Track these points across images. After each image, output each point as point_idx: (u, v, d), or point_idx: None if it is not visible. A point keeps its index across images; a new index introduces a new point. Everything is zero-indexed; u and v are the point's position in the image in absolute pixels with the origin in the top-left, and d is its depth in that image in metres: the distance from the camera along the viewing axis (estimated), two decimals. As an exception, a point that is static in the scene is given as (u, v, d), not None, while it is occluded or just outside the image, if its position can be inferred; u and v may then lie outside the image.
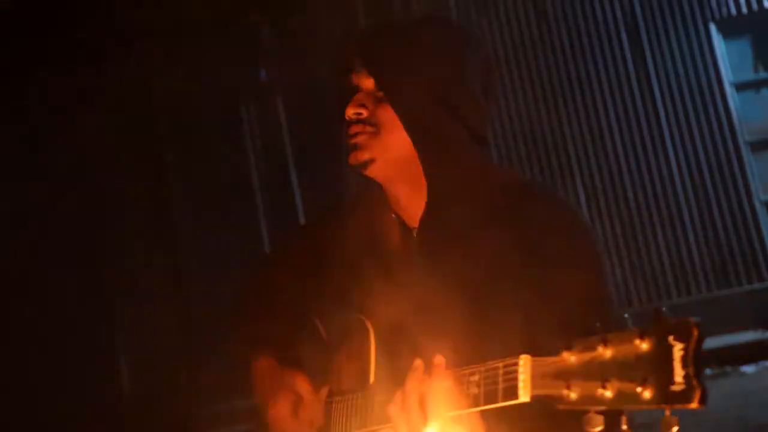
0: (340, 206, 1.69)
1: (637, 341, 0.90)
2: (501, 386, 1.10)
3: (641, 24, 8.16)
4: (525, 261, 1.36)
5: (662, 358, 0.88)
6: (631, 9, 8.20)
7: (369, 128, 1.45)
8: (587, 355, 0.96)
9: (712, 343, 7.07)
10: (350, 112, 1.47)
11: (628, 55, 8.16)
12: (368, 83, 1.47)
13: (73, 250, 8.96)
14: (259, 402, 1.60)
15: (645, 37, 8.14)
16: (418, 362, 1.23)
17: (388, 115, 1.44)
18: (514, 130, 8.25)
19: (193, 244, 8.85)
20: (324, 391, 1.53)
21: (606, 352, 0.94)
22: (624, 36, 8.20)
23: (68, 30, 8.71)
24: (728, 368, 6.58)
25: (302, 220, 8.51)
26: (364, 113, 1.46)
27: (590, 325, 0.98)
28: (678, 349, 0.88)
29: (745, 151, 7.90)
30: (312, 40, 8.80)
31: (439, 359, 1.20)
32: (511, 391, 1.08)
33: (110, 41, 8.82)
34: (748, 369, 6.47)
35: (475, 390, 1.15)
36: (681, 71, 8.03)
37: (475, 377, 1.15)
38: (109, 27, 8.69)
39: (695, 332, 0.88)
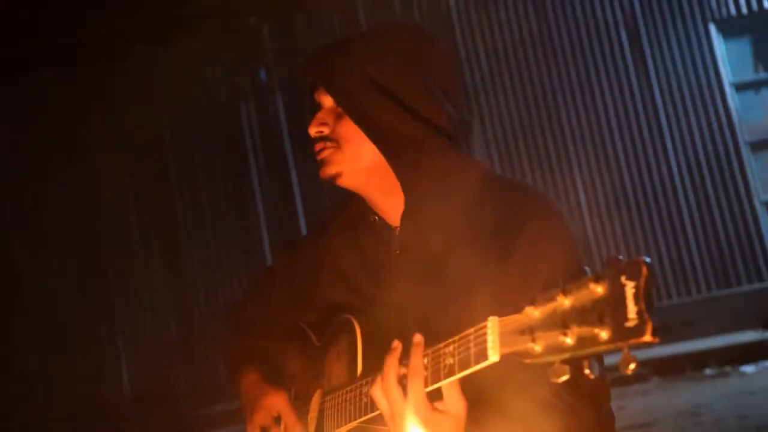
0: (326, 217, 1.74)
1: (593, 285, 0.93)
2: (472, 351, 1.13)
3: (641, 24, 8.16)
4: (503, 245, 1.40)
5: (616, 297, 0.91)
6: (631, 9, 8.20)
7: (330, 144, 1.53)
8: (549, 307, 0.98)
9: (712, 343, 7.08)
10: (312, 131, 1.55)
11: (628, 55, 8.16)
12: (328, 100, 1.54)
13: (74, 251, 8.97)
14: (243, 413, 1.66)
15: (645, 37, 8.14)
16: (396, 343, 1.26)
17: (349, 129, 1.49)
18: (514, 130, 8.25)
19: (194, 244, 8.85)
20: (316, 399, 1.54)
21: (565, 302, 0.96)
22: (624, 36, 8.20)
23: (68, 30, 8.71)
24: (728, 368, 6.58)
25: (302, 220, 8.51)
26: (325, 130, 1.54)
27: (553, 281, 1.01)
28: (630, 288, 0.89)
29: (745, 151, 7.90)
30: (312, 39, 8.80)
31: (418, 337, 1.22)
32: (482, 353, 1.11)
33: (110, 41, 8.82)
34: (748, 369, 6.47)
35: (450, 360, 1.17)
36: (681, 71, 8.03)
37: (450, 348, 1.18)
38: (109, 27, 8.69)
39: (645, 270, 0.90)
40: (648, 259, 0.90)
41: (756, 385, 5.88)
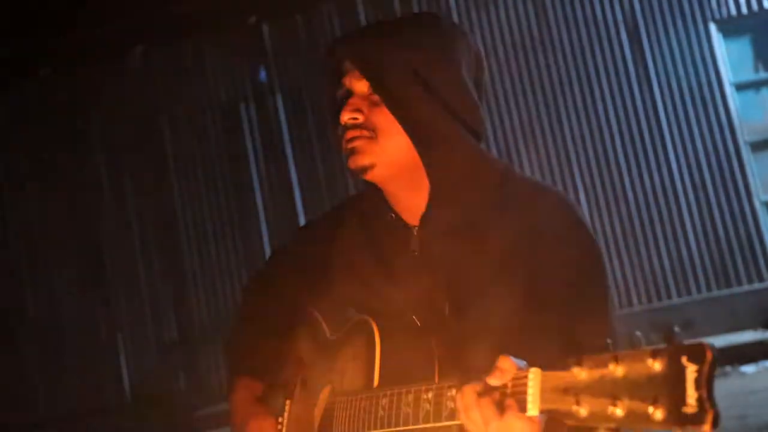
0: (339, 208, 1.68)
1: (650, 361, 0.89)
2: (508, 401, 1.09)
3: (641, 24, 8.16)
4: (527, 251, 1.38)
5: (675, 378, 0.87)
6: (631, 9, 8.20)
7: (366, 133, 1.42)
8: (598, 372, 0.95)
9: (711, 342, 7.07)
10: (345, 117, 1.43)
11: (628, 55, 8.16)
12: (361, 86, 1.44)
13: (74, 250, 8.96)
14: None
15: (645, 37, 8.14)
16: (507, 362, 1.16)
17: (384, 119, 1.41)
18: (514, 130, 8.25)
19: (194, 244, 8.85)
20: (325, 394, 1.52)
21: (617, 370, 0.92)
22: (624, 36, 8.20)
23: (68, 30, 8.71)
24: (728, 368, 6.58)
25: (302, 220, 8.50)
26: (360, 118, 1.43)
27: (600, 343, 0.98)
28: (691, 371, 0.86)
29: (745, 151, 7.90)
30: (312, 39, 8.80)
31: (507, 362, 1.14)
32: (521, 405, 1.07)
33: (110, 41, 8.82)
34: (748, 369, 6.47)
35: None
36: (681, 71, 8.03)
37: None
38: (109, 27, 8.69)
39: (709, 355, 0.86)
40: (713, 344, 0.86)
41: (756, 385, 5.88)
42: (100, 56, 8.96)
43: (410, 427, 1.26)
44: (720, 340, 7.11)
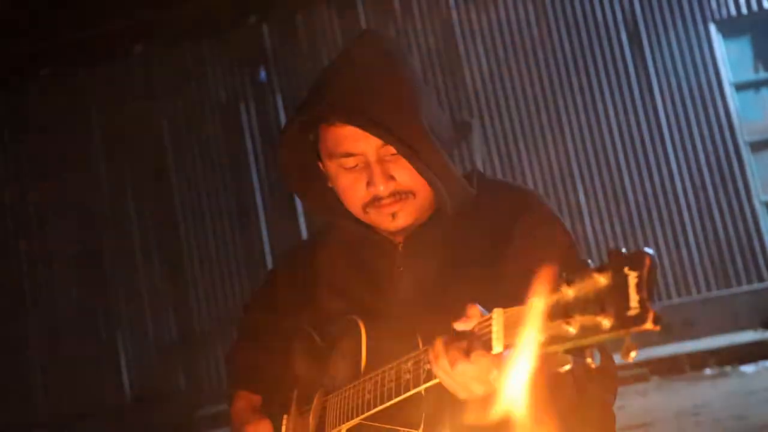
0: (324, 231, 1.72)
1: (596, 275, 0.94)
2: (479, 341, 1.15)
3: (641, 24, 8.16)
4: (500, 246, 1.43)
5: (619, 287, 0.91)
6: (631, 9, 8.20)
7: (406, 197, 1.45)
8: (553, 298, 0.99)
9: (712, 343, 7.08)
10: (384, 190, 1.43)
11: (628, 55, 8.16)
12: (370, 145, 1.42)
13: (74, 251, 8.96)
14: None
15: (645, 37, 8.14)
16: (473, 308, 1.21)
17: (409, 173, 1.43)
18: (514, 130, 8.25)
19: (194, 244, 8.85)
20: (318, 397, 1.54)
21: (569, 292, 0.97)
22: (624, 36, 8.20)
23: (68, 30, 8.71)
24: (728, 368, 6.58)
25: (302, 220, 8.51)
26: (393, 185, 1.44)
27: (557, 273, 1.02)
28: (633, 277, 0.90)
29: (745, 151, 7.90)
30: (312, 39, 8.80)
31: (474, 309, 1.19)
32: (487, 344, 1.12)
33: (110, 41, 8.82)
34: (748, 369, 6.47)
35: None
36: (681, 71, 8.03)
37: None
38: (109, 27, 8.69)
39: (648, 260, 0.90)
40: (650, 251, 0.91)
41: (756, 385, 5.88)
42: (100, 56, 8.96)
43: (395, 401, 1.29)
44: (720, 340, 7.11)
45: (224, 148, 8.89)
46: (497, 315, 1.11)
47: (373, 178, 1.42)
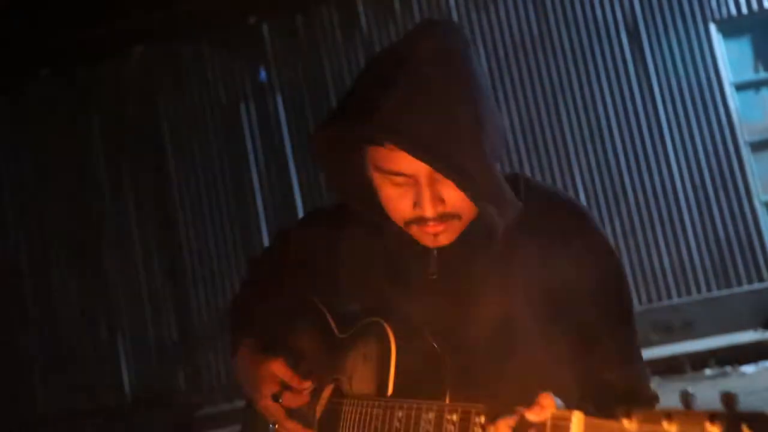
0: (345, 207, 1.58)
1: (707, 424, 0.84)
2: None
3: (641, 24, 8.16)
4: (548, 272, 1.34)
5: None
6: (631, 9, 8.20)
7: (452, 218, 1.34)
8: (648, 428, 0.89)
9: (712, 343, 7.08)
10: (431, 212, 1.31)
11: (628, 55, 8.16)
12: (423, 167, 1.29)
13: (74, 251, 8.96)
14: (247, 392, 1.60)
15: (645, 37, 8.14)
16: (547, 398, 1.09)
17: (460, 196, 1.31)
18: (514, 130, 8.25)
19: (194, 244, 8.85)
20: (329, 392, 1.50)
21: (671, 429, 0.87)
22: (624, 36, 8.20)
23: (68, 30, 8.71)
24: (728, 368, 6.58)
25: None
26: (442, 208, 1.32)
27: (649, 395, 0.96)
28: None
29: (745, 151, 7.90)
30: (312, 39, 8.80)
31: (549, 399, 1.07)
32: None
33: (110, 41, 8.82)
34: (748, 369, 6.47)
35: None
36: (681, 71, 8.03)
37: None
38: (109, 27, 8.68)
39: None
40: None
41: (756, 385, 5.87)
42: (100, 56, 8.96)
43: None
44: (720, 341, 7.11)
45: (224, 148, 8.88)
46: (576, 419, 0.99)
47: (422, 200, 1.31)
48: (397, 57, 1.29)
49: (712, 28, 8.05)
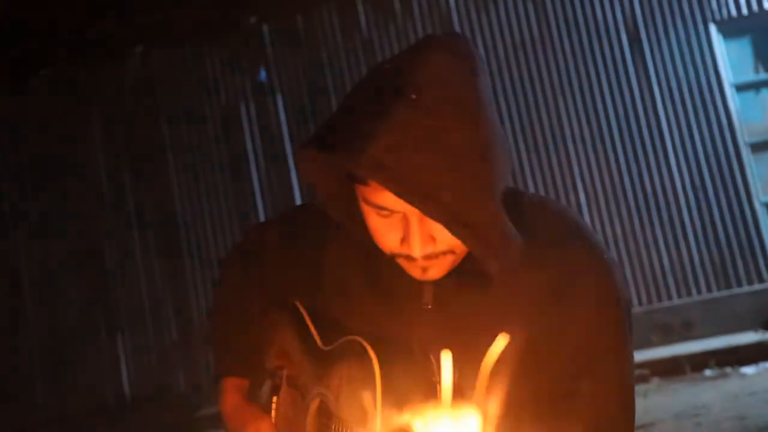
0: (328, 225, 1.44)
1: None
2: None
3: (641, 24, 8.16)
4: (548, 310, 1.25)
5: None
6: (631, 9, 8.20)
7: (444, 255, 1.22)
8: None
9: (712, 344, 7.08)
10: (420, 252, 1.20)
11: (628, 55, 8.16)
12: (408, 206, 1.17)
13: (74, 250, 8.96)
14: None
15: (645, 37, 8.14)
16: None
17: (452, 236, 1.18)
18: (514, 130, 8.25)
19: (194, 244, 8.85)
20: (314, 401, 1.48)
21: None
22: (624, 36, 8.20)
23: (68, 30, 8.71)
24: (728, 369, 6.58)
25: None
26: (435, 247, 1.20)
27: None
28: None
29: (745, 152, 7.90)
30: (312, 39, 8.80)
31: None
32: None
33: (110, 41, 8.83)
34: (749, 370, 6.47)
35: None
36: (681, 72, 8.03)
37: None
38: (109, 27, 8.69)
39: None
40: None
41: (756, 386, 5.88)
42: (100, 56, 8.96)
43: None
44: (720, 341, 7.11)
45: (224, 148, 8.89)
46: None
47: (410, 240, 1.19)
48: (396, 84, 1.15)
49: (713, 28, 8.05)
